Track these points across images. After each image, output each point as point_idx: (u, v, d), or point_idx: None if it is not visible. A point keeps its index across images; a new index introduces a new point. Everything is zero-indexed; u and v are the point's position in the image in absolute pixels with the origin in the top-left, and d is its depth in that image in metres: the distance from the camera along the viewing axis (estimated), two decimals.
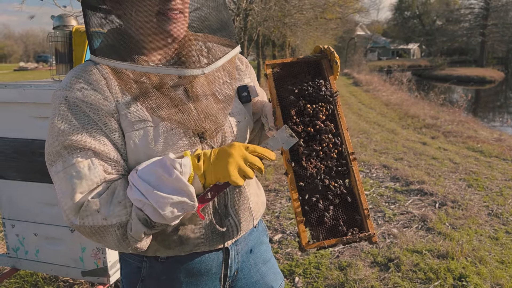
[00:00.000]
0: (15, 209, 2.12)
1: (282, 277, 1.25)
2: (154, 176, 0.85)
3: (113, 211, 0.85)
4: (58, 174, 0.87)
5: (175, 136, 0.93)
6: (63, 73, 2.19)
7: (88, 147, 0.87)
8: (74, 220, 0.86)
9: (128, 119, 0.91)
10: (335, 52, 1.10)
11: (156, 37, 0.93)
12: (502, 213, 3.71)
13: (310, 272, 2.72)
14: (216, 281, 1.07)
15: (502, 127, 11.30)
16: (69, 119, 0.88)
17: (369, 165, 5.31)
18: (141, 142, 0.91)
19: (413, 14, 52.37)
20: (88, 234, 0.88)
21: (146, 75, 0.93)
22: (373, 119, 9.52)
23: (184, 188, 0.84)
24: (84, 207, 0.85)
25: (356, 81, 21.24)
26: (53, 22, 2.19)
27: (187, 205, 0.86)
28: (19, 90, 1.94)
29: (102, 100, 0.90)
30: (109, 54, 0.94)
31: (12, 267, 2.22)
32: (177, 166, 0.84)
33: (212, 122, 0.98)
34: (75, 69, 0.95)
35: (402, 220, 3.57)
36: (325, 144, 1.03)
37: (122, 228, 0.86)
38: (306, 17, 11.92)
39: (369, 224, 1.00)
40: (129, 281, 1.07)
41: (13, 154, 2.04)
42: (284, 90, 1.08)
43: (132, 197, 0.85)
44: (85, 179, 0.86)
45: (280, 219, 3.62)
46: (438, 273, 2.67)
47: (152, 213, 0.85)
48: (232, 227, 1.05)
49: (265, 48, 17.72)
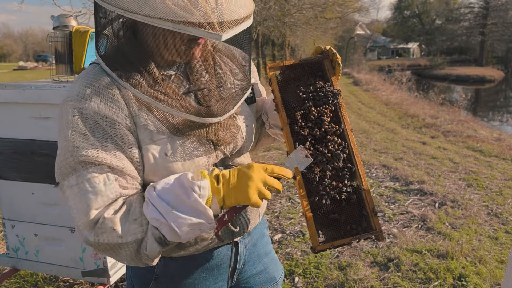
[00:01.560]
0: (15, 210, 2.12)
1: (282, 268, 1.29)
2: (173, 196, 0.84)
3: (129, 228, 0.85)
4: (71, 188, 0.86)
5: (192, 144, 0.94)
6: (63, 74, 2.19)
7: (104, 162, 0.86)
8: (88, 236, 0.85)
9: (148, 131, 0.90)
10: (337, 53, 1.10)
11: (177, 56, 0.92)
12: (501, 213, 3.71)
13: (310, 272, 2.72)
14: (226, 274, 1.10)
15: (502, 127, 11.31)
16: (83, 133, 0.86)
17: (368, 164, 5.31)
18: (159, 155, 0.91)
19: (412, 13, 52.33)
20: (102, 250, 0.87)
21: (160, 85, 0.91)
22: (373, 119, 9.52)
23: (202, 210, 0.84)
24: (100, 224, 0.84)
25: (355, 80, 21.24)
26: (53, 22, 2.18)
27: (204, 227, 0.86)
28: (19, 90, 1.94)
29: (118, 113, 0.88)
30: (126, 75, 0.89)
31: (12, 267, 2.22)
32: (196, 189, 0.83)
33: (226, 131, 0.98)
34: (85, 77, 0.91)
35: (402, 220, 3.58)
36: (331, 146, 1.04)
37: (136, 245, 0.86)
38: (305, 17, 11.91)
39: (376, 221, 1.03)
40: (141, 281, 1.08)
41: (13, 154, 2.04)
42: (288, 93, 1.08)
43: (150, 215, 0.84)
44: (100, 195, 0.85)
45: (280, 219, 3.62)
46: (437, 273, 2.67)
47: (168, 232, 0.84)
48: (243, 224, 1.09)
49: (264, 48, 17.70)
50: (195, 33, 0.78)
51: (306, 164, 0.98)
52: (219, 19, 0.79)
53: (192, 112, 0.90)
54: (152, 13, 0.77)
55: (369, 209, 1.04)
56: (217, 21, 0.78)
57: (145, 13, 0.77)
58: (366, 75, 22.31)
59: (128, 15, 0.79)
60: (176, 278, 1.06)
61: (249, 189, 0.86)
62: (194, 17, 0.77)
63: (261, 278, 1.19)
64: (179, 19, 0.76)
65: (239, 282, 1.16)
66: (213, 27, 0.78)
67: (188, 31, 0.78)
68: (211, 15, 0.78)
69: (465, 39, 44.05)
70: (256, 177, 0.88)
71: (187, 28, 0.77)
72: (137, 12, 0.78)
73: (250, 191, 0.86)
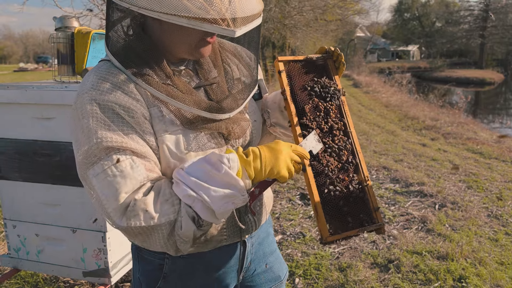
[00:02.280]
0: (16, 210, 2.12)
1: (286, 267, 1.29)
2: (202, 172, 0.84)
3: (161, 209, 0.83)
4: (97, 176, 0.84)
5: (205, 137, 0.95)
6: (65, 74, 2.20)
7: (128, 147, 0.85)
8: (119, 222, 0.84)
9: (162, 122, 0.91)
10: (342, 54, 1.14)
11: (187, 53, 0.94)
12: (501, 215, 3.72)
13: (310, 273, 2.72)
14: (234, 272, 1.11)
15: (502, 129, 11.32)
16: (104, 121, 0.85)
17: (369, 166, 5.31)
18: (174, 146, 0.91)
19: (412, 15, 52.43)
20: (135, 235, 0.86)
21: (171, 79, 0.92)
22: (373, 121, 9.53)
23: (234, 182, 0.84)
24: (131, 207, 0.83)
25: (356, 82, 21.26)
26: (55, 23, 2.20)
27: (237, 199, 0.85)
28: (21, 91, 1.95)
29: (134, 103, 0.88)
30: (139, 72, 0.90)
31: (13, 267, 2.22)
32: (225, 161, 0.84)
33: (236, 125, 1.00)
34: (98, 71, 0.91)
35: (402, 221, 3.58)
36: (337, 141, 1.08)
37: (169, 227, 0.84)
38: (306, 19, 11.94)
39: (378, 215, 1.09)
40: (148, 278, 1.07)
41: (15, 154, 2.04)
42: (296, 87, 1.11)
43: (182, 193, 0.83)
44: (129, 178, 0.84)
45: (280, 220, 3.62)
46: (438, 275, 2.68)
47: (202, 209, 0.83)
48: (251, 223, 1.09)
49: (265, 50, 17.74)
50: (209, 29, 0.81)
51: (318, 148, 1.03)
52: (233, 15, 0.81)
53: (203, 108, 0.92)
54: (167, 10, 0.79)
55: (372, 203, 1.09)
56: (230, 17, 0.81)
57: (161, 10, 0.79)
58: (366, 77, 22.33)
59: (144, 12, 0.81)
60: (185, 277, 1.06)
61: (280, 162, 0.89)
62: (209, 14, 0.79)
63: (266, 276, 1.20)
64: (195, 15, 0.79)
65: (244, 280, 1.17)
66: (227, 23, 0.81)
67: (203, 28, 0.80)
68: (225, 13, 0.80)
69: (465, 42, 44.09)
70: (285, 151, 0.91)
71: (202, 24, 0.80)
72: (153, 9, 0.80)
73: (281, 164, 0.89)
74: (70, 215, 2.02)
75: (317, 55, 1.16)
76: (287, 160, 0.91)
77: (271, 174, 0.89)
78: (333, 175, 1.05)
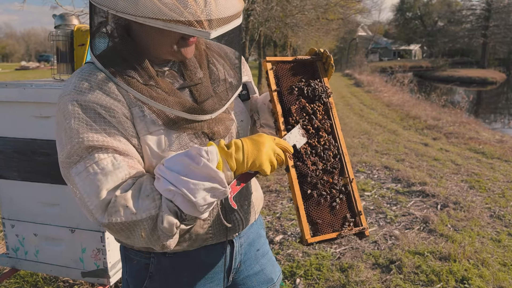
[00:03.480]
0: (15, 209, 2.11)
1: (279, 269, 1.29)
2: (182, 166, 0.84)
3: (142, 204, 0.84)
4: (80, 174, 0.86)
5: (187, 137, 0.95)
6: (64, 73, 2.18)
7: (110, 146, 0.87)
8: (101, 219, 0.85)
9: (143, 122, 0.91)
10: (331, 56, 1.14)
11: (169, 55, 0.94)
12: (504, 215, 3.69)
13: (311, 274, 2.70)
14: (221, 273, 1.10)
15: (504, 129, 11.27)
16: (85, 121, 0.87)
17: (370, 166, 5.29)
18: (156, 146, 0.92)
19: (414, 15, 52.31)
20: (117, 231, 0.86)
21: (155, 80, 0.93)
22: (375, 120, 9.50)
23: (213, 174, 0.84)
24: (112, 203, 0.84)
25: (357, 81, 21.21)
26: (55, 21, 2.18)
27: (218, 192, 0.85)
28: (20, 89, 1.93)
29: (116, 103, 0.90)
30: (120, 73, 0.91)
31: (12, 267, 2.21)
32: (203, 154, 0.84)
33: (220, 125, 1.00)
34: (81, 73, 0.93)
35: (403, 221, 3.56)
36: (322, 142, 1.08)
37: (151, 223, 0.85)
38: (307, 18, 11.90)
39: (362, 219, 1.07)
40: (135, 279, 1.07)
41: (14, 153, 2.03)
42: (284, 87, 1.11)
43: (162, 188, 0.84)
44: (110, 175, 0.85)
45: (281, 220, 3.60)
46: (440, 275, 2.65)
47: (183, 202, 0.83)
48: (238, 221, 1.08)
49: (266, 49, 17.70)
50: (184, 31, 0.82)
51: (302, 142, 1.03)
52: (208, 17, 0.82)
53: (184, 109, 0.93)
54: (143, 13, 0.81)
55: (356, 206, 1.08)
56: (205, 19, 0.82)
57: (137, 14, 0.81)
58: (368, 77, 22.28)
59: (121, 15, 0.83)
60: (171, 276, 1.05)
61: (262, 154, 0.89)
62: (183, 16, 0.80)
63: (258, 279, 1.19)
64: (170, 18, 0.80)
65: (236, 282, 1.16)
66: (202, 25, 0.81)
67: (178, 30, 0.81)
68: (200, 14, 0.81)
69: (467, 41, 43.98)
70: (268, 144, 0.91)
71: (177, 26, 0.81)
72: (129, 12, 0.81)
73: (264, 156, 0.89)
74: (69, 214, 2.00)
75: (306, 56, 1.16)
76: (270, 153, 0.91)
77: (253, 167, 0.89)
78: (317, 176, 1.04)
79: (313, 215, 1.03)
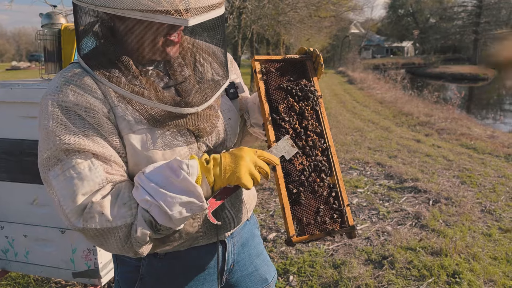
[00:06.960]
0: (4, 210, 2.08)
1: (274, 269, 1.27)
2: (162, 177, 0.84)
3: (118, 212, 0.84)
4: (57, 178, 0.85)
5: (172, 135, 0.94)
6: (52, 72, 2.16)
7: (87, 149, 0.86)
8: (76, 223, 0.84)
9: (126, 121, 0.91)
10: (321, 55, 1.13)
11: (154, 54, 0.94)
12: (495, 210, 3.73)
13: (304, 271, 2.71)
14: (214, 274, 1.08)
15: (495, 124, 11.37)
16: (64, 123, 0.86)
17: (363, 162, 5.31)
18: (139, 144, 0.91)
19: (406, 12, 52.51)
20: (91, 237, 0.86)
21: (138, 79, 0.93)
22: (367, 117, 9.54)
23: (192, 188, 0.84)
24: (88, 209, 0.84)
25: (350, 79, 21.28)
26: (42, 20, 2.15)
27: (195, 206, 0.85)
28: (7, 89, 1.91)
29: (96, 103, 0.89)
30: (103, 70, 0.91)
31: (2, 269, 2.19)
32: (183, 167, 0.84)
33: (206, 122, 0.99)
34: (63, 74, 0.92)
35: (396, 217, 3.58)
36: (310, 141, 1.07)
37: (126, 231, 0.85)
38: (300, 15, 11.91)
39: (349, 218, 1.06)
40: (126, 280, 1.06)
41: (2, 154, 2.00)
42: (272, 86, 1.10)
43: (139, 197, 0.84)
44: (86, 180, 0.85)
45: (275, 217, 3.61)
46: (431, 270, 2.67)
47: (159, 214, 0.83)
48: (229, 220, 1.07)
49: (259, 46, 17.69)
50: (163, 20, 0.82)
51: (292, 153, 1.01)
52: (186, 6, 0.83)
53: (168, 103, 0.92)
54: (121, 5, 0.82)
55: (343, 206, 1.06)
56: (184, 8, 0.82)
57: (115, 5, 0.82)
58: (361, 74, 22.36)
59: (101, 9, 0.83)
60: (162, 278, 1.04)
61: (240, 168, 0.88)
62: (161, 5, 0.81)
63: (252, 279, 1.17)
64: (148, 8, 0.81)
65: (229, 283, 1.15)
66: (180, 13, 0.82)
67: (157, 19, 0.82)
68: (179, 3, 0.82)
69: (458, 38, 44.28)
70: (248, 158, 0.89)
71: (155, 16, 0.82)
72: (107, 5, 0.82)
73: (242, 170, 0.88)
74: (59, 215, 1.98)
75: (296, 55, 1.16)
76: (250, 166, 0.89)
77: (231, 180, 0.88)
78: (304, 175, 1.03)
79: (298, 214, 1.01)
